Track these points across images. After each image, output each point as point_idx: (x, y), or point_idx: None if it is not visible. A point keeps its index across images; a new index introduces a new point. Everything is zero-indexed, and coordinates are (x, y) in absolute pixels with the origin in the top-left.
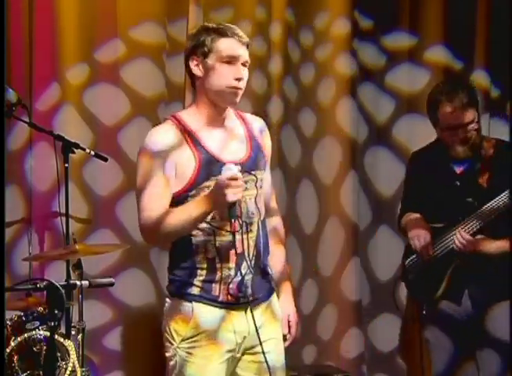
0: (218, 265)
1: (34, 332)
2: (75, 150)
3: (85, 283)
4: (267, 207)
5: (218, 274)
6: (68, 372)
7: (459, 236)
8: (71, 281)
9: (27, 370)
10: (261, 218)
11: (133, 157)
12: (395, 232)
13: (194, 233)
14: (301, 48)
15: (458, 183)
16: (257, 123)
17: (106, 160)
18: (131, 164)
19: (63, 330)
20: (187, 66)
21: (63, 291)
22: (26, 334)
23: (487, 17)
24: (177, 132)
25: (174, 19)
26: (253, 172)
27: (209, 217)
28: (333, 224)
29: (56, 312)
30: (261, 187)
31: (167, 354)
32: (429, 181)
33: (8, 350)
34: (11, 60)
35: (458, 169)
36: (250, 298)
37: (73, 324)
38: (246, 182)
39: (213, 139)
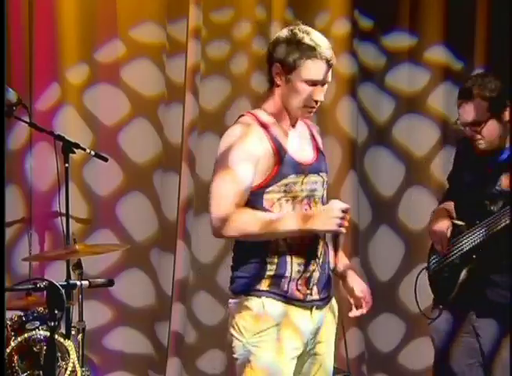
0: (289, 260)
1: (34, 332)
2: (75, 150)
3: (85, 283)
4: None
5: (288, 269)
6: (68, 372)
7: None
8: (71, 281)
9: (27, 370)
10: None
11: (133, 157)
12: (395, 232)
13: None
14: None
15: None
16: (316, 128)
17: (106, 160)
18: (131, 164)
19: (63, 330)
20: (269, 67)
21: (63, 291)
22: (26, 334)
23: (487, 17)
24: (257, 127)
25: (174, 19)
26: (320, 174)
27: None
28: None
29: (56, 312)
30: (325, 189)
31: (235, 354)
32: (470, 173)
33: (8, 350)
34: (11, 60)
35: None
36: (317, 297)
37: (73, 324)
38: (315, 183)
39: (288, 139)
